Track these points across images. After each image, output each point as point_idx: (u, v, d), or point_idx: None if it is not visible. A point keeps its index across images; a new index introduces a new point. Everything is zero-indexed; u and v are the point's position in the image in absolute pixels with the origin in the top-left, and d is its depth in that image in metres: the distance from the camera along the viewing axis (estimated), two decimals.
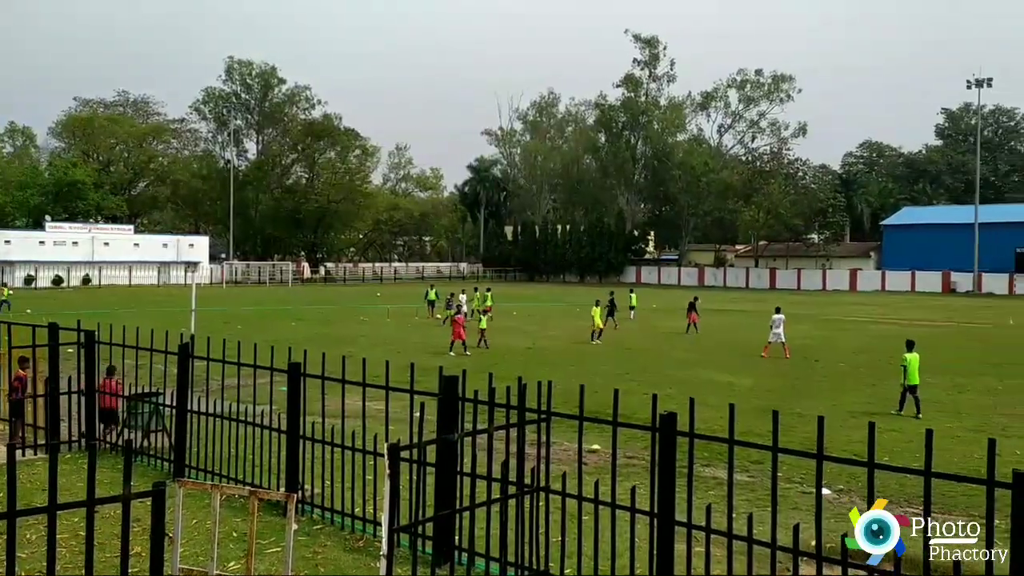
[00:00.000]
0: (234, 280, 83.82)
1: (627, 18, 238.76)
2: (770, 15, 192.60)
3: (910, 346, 17.42)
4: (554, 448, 10.55)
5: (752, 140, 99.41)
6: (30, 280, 68.74)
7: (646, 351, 28.35)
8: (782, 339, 27.12)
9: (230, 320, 36.99)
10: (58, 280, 70.16)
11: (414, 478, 6.79)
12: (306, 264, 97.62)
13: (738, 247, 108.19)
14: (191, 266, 73.04)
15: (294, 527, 7.14)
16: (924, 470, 4.82)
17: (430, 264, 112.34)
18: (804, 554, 5.25)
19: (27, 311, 37.68)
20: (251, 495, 5.27)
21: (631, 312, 41.03)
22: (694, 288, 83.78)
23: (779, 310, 28.00)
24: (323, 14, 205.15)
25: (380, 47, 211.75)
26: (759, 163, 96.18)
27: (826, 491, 10.53)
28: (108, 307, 43.50)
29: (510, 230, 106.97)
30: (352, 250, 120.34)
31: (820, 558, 5.13)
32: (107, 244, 75.46)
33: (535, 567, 6.40)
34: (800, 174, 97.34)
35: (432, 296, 42.90)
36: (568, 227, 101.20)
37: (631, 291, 45.28)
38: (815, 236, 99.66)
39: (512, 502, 6.36)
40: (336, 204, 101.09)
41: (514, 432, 6.55)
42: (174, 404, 10.20)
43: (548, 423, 6.62)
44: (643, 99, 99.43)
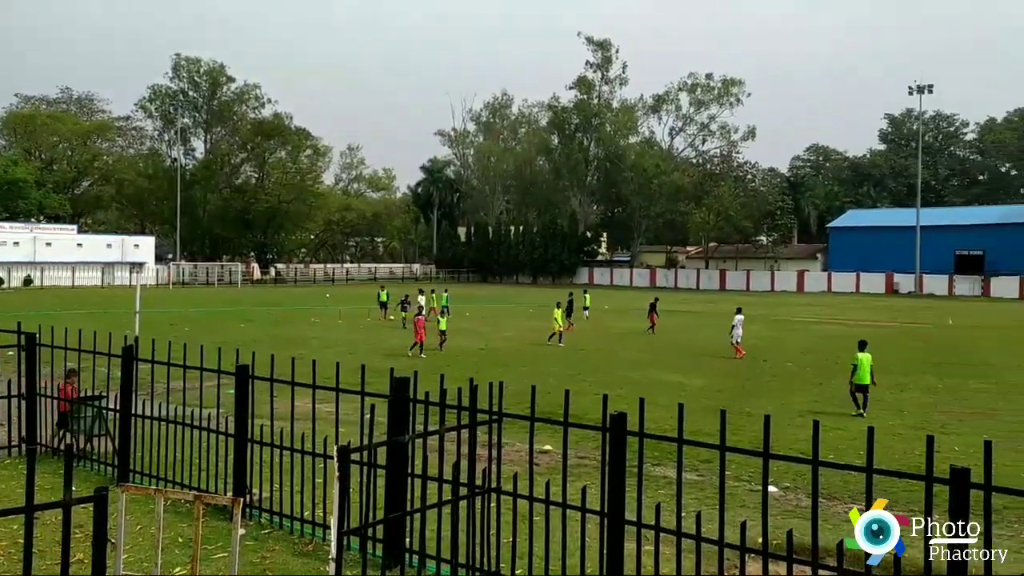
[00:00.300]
0: (181, 281, 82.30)
1: (581, 19, 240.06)
2: (721, 21, 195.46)
3: (862, 346, 17.78)
4: (506, 449, 10.54)
5: (703, 143, 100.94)
6: None
7: (598, 352, 28.53)
8: (737, 339, 27.42)
9: (177, 322, 36.30)
10: None
11: (364, 480, 6.74)
12: (256, 265, 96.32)
13: (689, 248, 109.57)
14: (136, 267, 71.53)
15: (241, 531, 7.04)
16: (866, 467, 4.92)
17: (383, 265, 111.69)
18: (751, 551, 5.33)
19: None
20: (196, 499, 5.17)
21: (585, 313, 41.33)
22: (646, 289, 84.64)
23: (740, 310, 28.27)
24: (274, 13, 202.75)
25: (332, 47, 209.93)
26: (709, 166, 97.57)
27: (773, 489, 10.71)
28: (50, 308, 42.38)
29: (463, 231, 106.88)
30: (303, 251, 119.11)
31: (766, 554, 5.20)
32: (49, 244, 73.47)
33: (486, 568, 6.39)
34: (749, 177, 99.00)
35: (383, 297, 42.60)
36: (521, 228, 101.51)
37: (585, 292, 45.63)
38: (764, 238, 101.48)
39: (463, 503, 6.35)
40: (287, 204, 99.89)
41: (466, 433, 6.54)
42: (118, 408, 9.98)
43: (500, 424, 6.61)
44: (596, 101, 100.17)
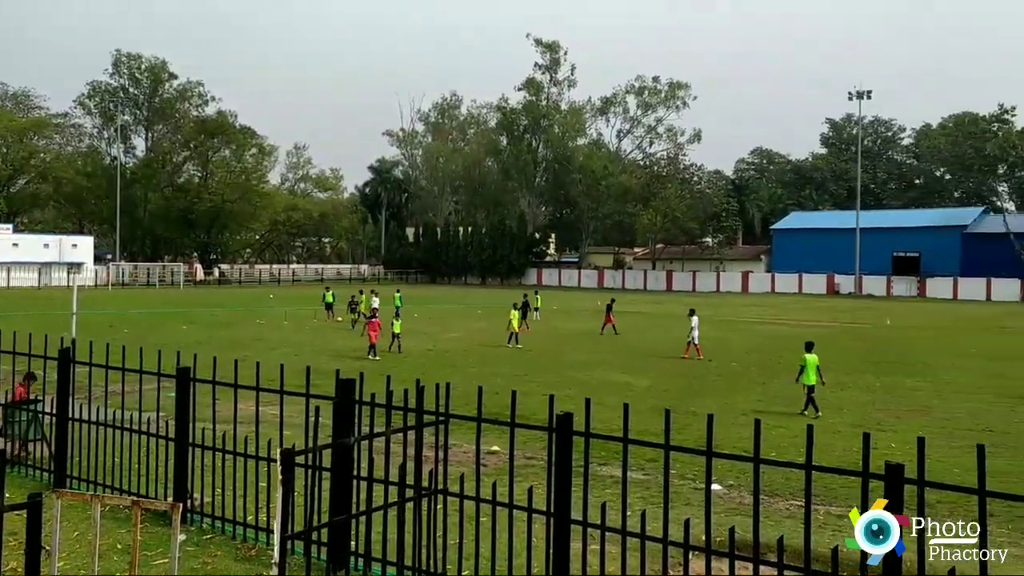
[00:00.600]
0: (121, 282, 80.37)
1: (529, 20, 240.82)
2: (670, 24, 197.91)
3: (809, 347, 18.15)
4: (453, 450, 10.52)
5: (650, 145, 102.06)
6: None
7: (547, 352, 28.63)
8: (693, 340, 27.74)
9: (116, 324, 35.46)
10: None
11: (309, 484, 6.66)
12: (199, 265, 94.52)
13: (636, 250, 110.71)
14: (74, 267, 69.72)
15: (181, 537, 6.90)
16: (805, 464, 5.02)
17: (330, 266, 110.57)
18: (694, 548, 5.40)
19: None
20: (134, 505, 5.05)
21: (535, 314, 41.48)
22: (594, 290, 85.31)
23: (693, 312, 28.61)
24: (221, 12, 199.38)
25: (279, 46, 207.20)
26: (656, 168, 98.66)
27: (717, 487, 10.87)
28: None
29: (412, 231, 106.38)
30: (248, 251, 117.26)
31: (709, 551, 5.28)
32: None
33: (432, 570, 6.37)
34: (695, 179, 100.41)
35: (329, 299, 42.13)
36: (470, 229, 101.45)
37: (536, 292, 45.80)
38: (709, 239, 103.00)
39: (410, 505, 6.32)
40: (231, 204, 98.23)
41: (412, 435, 6.51)
42: (54, 412, 9.71)
43: (446, 425, 6.60)
44: (544, 103, 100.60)
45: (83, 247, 79.56)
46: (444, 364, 24.65)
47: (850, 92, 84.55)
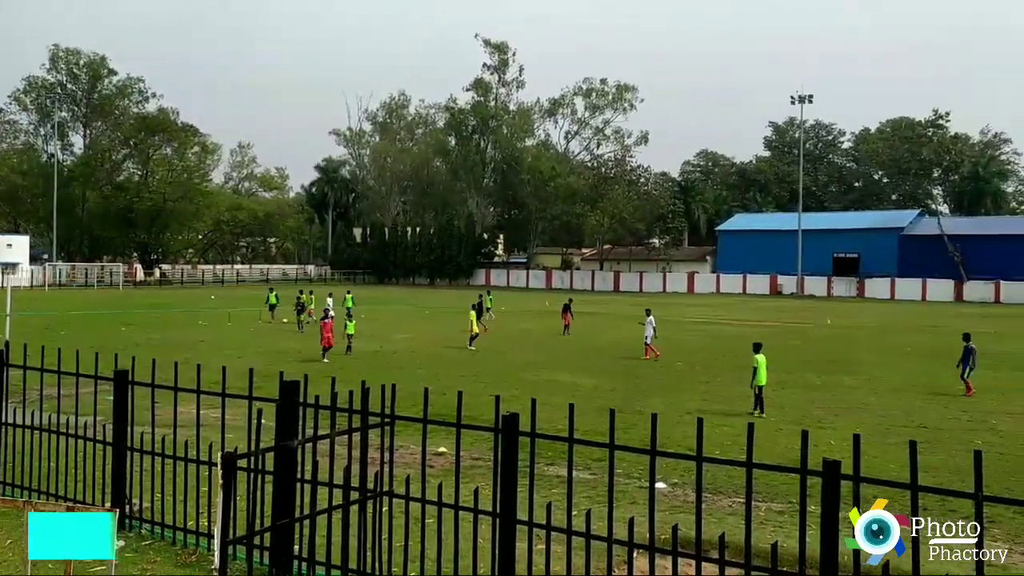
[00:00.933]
0: (58, 283, 78.15)
1: (479, 21, 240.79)
2: (617, 27, 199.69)
3: (757, 348, 18.43)
4: (400, 452, 10.48)
5: (597, 147, 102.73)
6: None
7: (495, 353, 28.64)
8: (648, 340, 28.01)
9: (52, 325, 34.50)
10: None
11: (251, 487, 6.56)
12: (139, 266, 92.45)
13: (584, 250, 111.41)
14: (9, 268, 67.64)
15: (120, 543, 6.75)
16: (746, 462, 5.11)
17: (275, 266, 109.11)
18: (638, 546, 5.45)
19: None
20: (68, 511, 4.93)
21: (489, 313, 41.53)
22: (542, 291, 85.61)
23: (649, 312, 28.85)
24: (164, 8, 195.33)
25: (224, 45, 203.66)
26: (604, 169, 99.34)
27: (662, 485, 11.01)
28: None
29: (359, 232, 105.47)
30: (190, 251, 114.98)
31: (652, 549, 5.34)
32: None
33: (377, 572, 6.33)
34: (642, 181, 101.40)
35: (272, 300, 41.47)
36: (418, 229, 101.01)
37: (488, 293, 45.76)
38: (656, 240, 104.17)
39: (354, 508, 6.27)
40: (172, 203, 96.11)
41: (357, 437, 6.45)
42: None
43: (392, 427, 6.55)
44: (493, 103, 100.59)
45: (18, 247, 77.24)
46: (392, 366, 24.52)
47: (792, 96, 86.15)
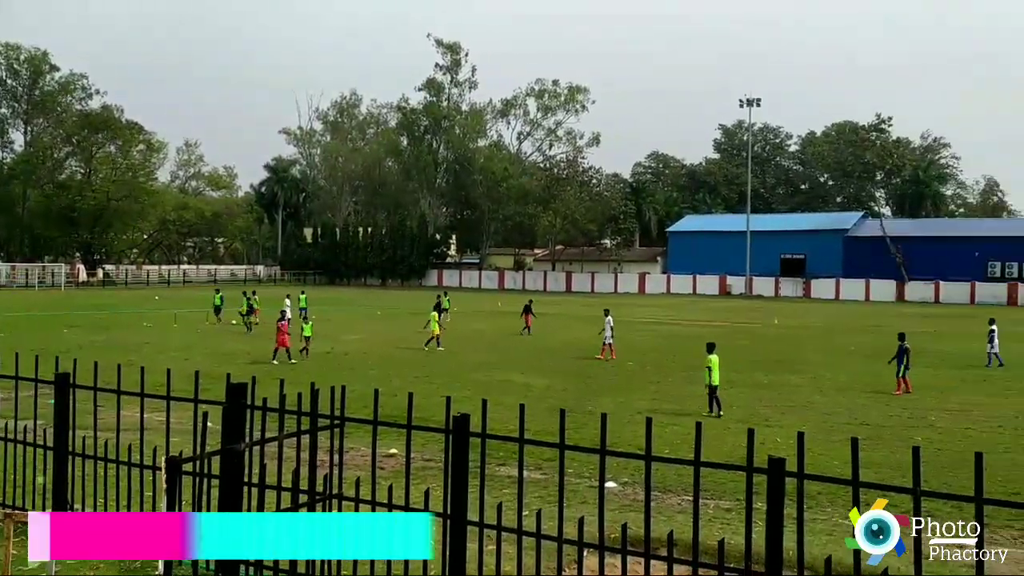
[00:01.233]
0: None
1: (430, 21, 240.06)
2: (566, 33, 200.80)
3: (711, 348, 18.60)
4: (351, 454, 10.40)
5: (550, 148, 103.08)
6: None
7: (448, 354, 28.58)
8: (607, 340, 28.18)
9: None
10: None
11: (196, 492, 6.45)
12: (82, 266, 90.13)
13: (536, 251, 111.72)
14: None
15: None
16: (694, 460, 5.17)
17: (223, 267, 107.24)
18: (588, 545, 5.48)
19: None
20: (6, 518, 4.79)
21: (445, 314, 41.32)
22: (494, 291, 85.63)
23: (608, 312, 28.99)
24: (109, 4, 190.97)
25: (172, 42, 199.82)
26: (556, 170, 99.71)
27: (612, 484, 11.09)
28: None
29: (310, 232, 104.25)
30: (135, 251, 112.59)
31: (602, 548, 5.38)
32: None
33: (327, 575, 6.27)
34: (594, 182, 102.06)
35: (217, 301, 40.67)
36: (370, 229, 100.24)
37: (444, 294, 45.56)
38: (608, 241, 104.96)
39: (303, 511, 6.20)
40: (117, 202, 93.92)
41: (307, 439, 6.38)
42: None
43: (342, 429, 6.50)
44: (445, 104, 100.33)
45: None
46: (343, 367, 24.32)
47: (741, 99, 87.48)
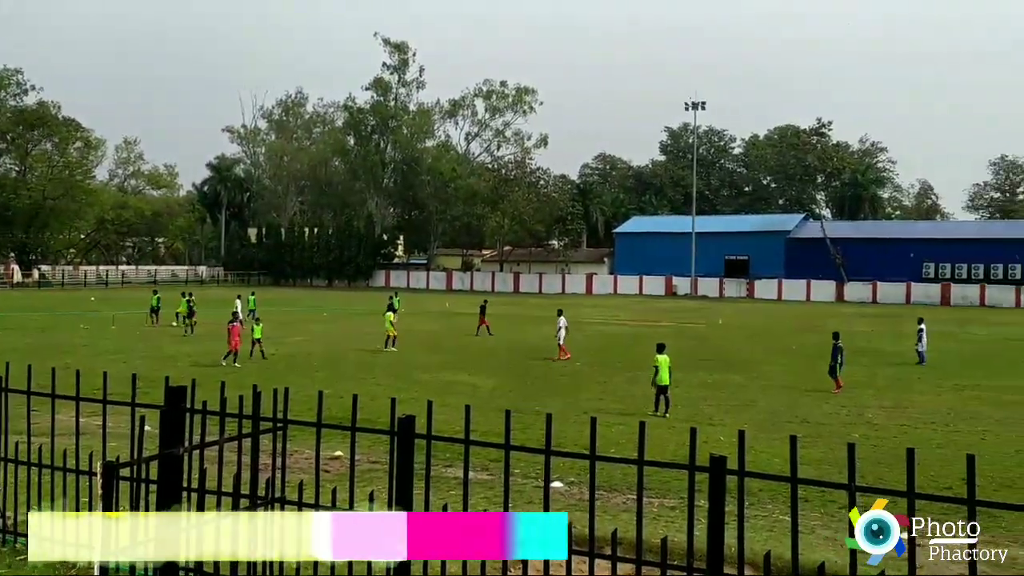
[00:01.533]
0: None
1: (378, 20, 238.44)
2: (516, 37, 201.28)
3: (660, 348, 18.75)
4: (295, 457, 10.29)
5: (498, 148, 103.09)
6: None
7: (396, 355, 28.42)
8: (561, 340, 28.27)
9: None
10: None
11: (133, 497, 6.31)
12: (15, 267, 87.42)
13: (484, 252, 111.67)
14: None
15: None
16: (637, 459, 5.22)
17: (164, 267, 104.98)
18: None
19: None
20: None
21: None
22: (442, 292, 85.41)
23: (561, 313, 29.09)
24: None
25: (111, 40, 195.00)
26: (504, 171, 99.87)
27: (558, 484, 11.15)
28: None
29: (254, 232, 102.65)
30: (72, 251, 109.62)
31: None
32: None
33: (269, 575, 6.18)
34: (542, 183, 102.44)
35: (154, 303, 39.67)
36: (316, 230, 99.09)
37: (395, 294, 45.21)
38: (556, 242, 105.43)
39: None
40: (53, 201, 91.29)
41: (248, 443, 6.28)
42: None
43: (285, 431, 6.42)
44: (392, 103, 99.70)
45: None
46: (288, 369, 24.01)
47: (686, 102, 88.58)
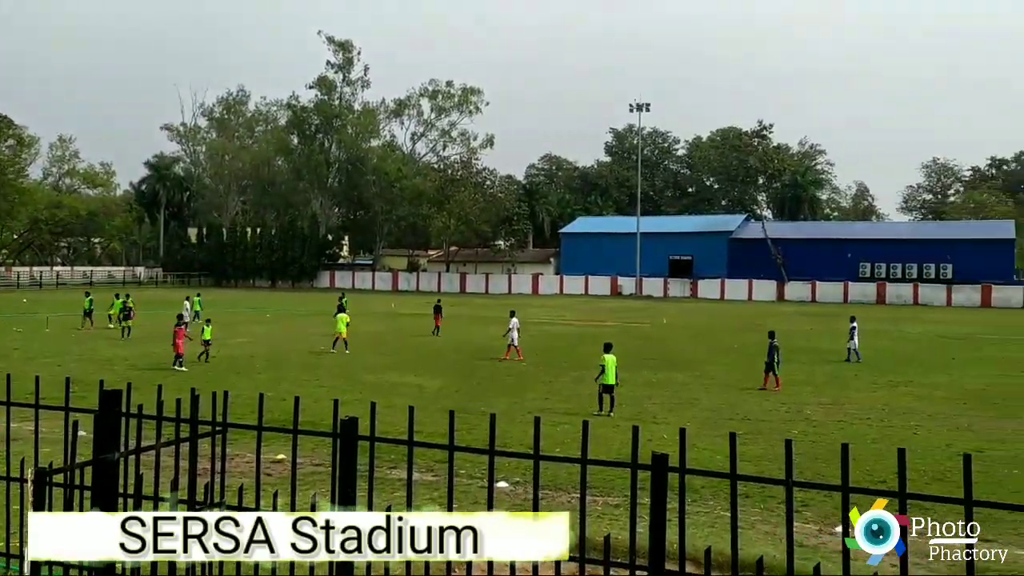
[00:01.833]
0: None
1: (323, 18, 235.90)
2: (462, 37, 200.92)
3: (608, 348, 18.83)
4: (236, 461, 10.11)
5: (444, 148, 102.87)
6: None
7: (340, 356, 28.14)
8: (514, 342, 28.29)
9: None
10: None
11: (67, 504, 6.13)
12: None
13: (430, 252, 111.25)
14: None
15: None
16: (580, 458, 5.25)
17: (100, 268, 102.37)
18: None
19: None
20: None
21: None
22: (388, 293, 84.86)
23: (514, 314, 29.13)
24: None
25: (44, 34, 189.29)
26: (450, 171, 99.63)
27: (504, 484, 11.17)
28: None
29: (195, 232, 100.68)
30: (4, 252, 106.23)
31: None
32: None
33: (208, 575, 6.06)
34: (488, 183, 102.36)
35: (87, 305, 38.51)
36: (259, 230, 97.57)
37: (343, 295, 44.72)
38: (502, 242, 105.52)
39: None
40: None
41: (186, 447, 6.16)
42: None
43: (224, 435, 6.30)
44: (337, 102, 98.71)
45: None
46: (230, 371, 23.61)
47: (631, 104, 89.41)
